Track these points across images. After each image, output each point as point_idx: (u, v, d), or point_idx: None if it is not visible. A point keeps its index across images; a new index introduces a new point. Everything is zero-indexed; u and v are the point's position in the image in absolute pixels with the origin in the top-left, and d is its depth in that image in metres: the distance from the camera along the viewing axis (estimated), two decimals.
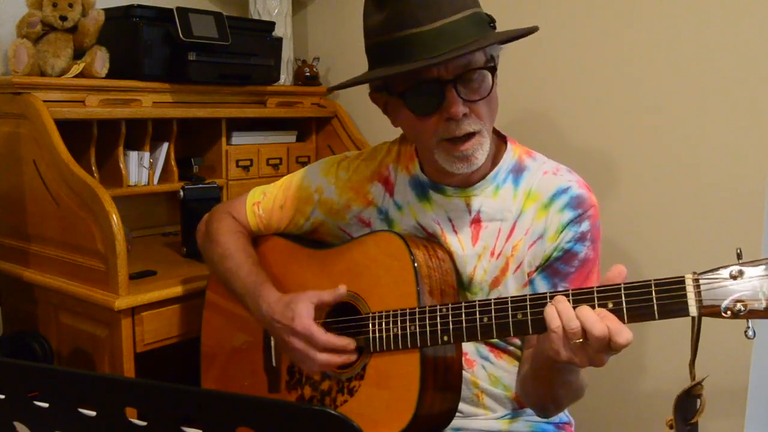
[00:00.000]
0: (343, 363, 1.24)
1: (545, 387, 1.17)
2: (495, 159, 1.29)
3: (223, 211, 1.50)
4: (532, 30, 1.18)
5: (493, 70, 1.18)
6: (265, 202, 1.46)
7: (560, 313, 1.00)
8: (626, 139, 1.86)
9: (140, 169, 1.98)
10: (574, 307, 1.00)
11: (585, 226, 1.23)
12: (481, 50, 1.16)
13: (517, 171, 1.29)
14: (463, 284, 1.29)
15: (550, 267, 1.24)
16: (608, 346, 0.98)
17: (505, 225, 1.26)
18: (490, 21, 1.19)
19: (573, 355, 1.00)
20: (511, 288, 1.26)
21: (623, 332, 0.97)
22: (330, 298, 1.26)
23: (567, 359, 1.01)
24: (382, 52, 1.17)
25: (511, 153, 1.30)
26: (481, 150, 1.19)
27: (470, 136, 1.18)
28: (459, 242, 1.28)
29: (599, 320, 0.98)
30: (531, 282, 1.25)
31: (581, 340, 0.98)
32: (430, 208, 1.31)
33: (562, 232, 1.23)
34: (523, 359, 1.27)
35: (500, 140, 1.32)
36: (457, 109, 1.14)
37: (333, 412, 0.65)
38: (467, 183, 1.28)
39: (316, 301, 1.26)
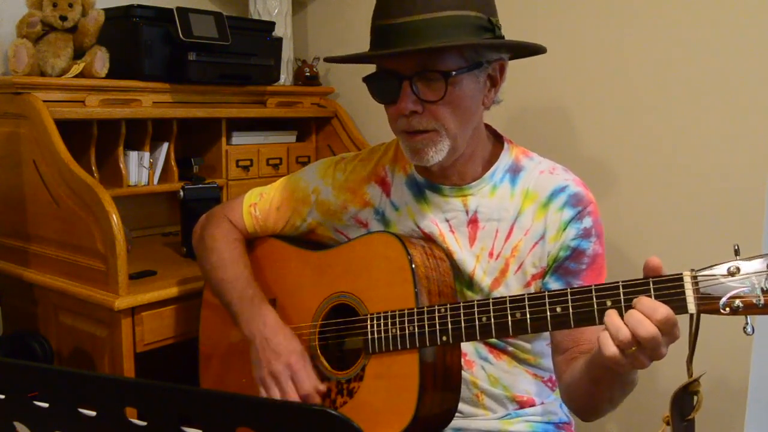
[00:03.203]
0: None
1: (605, 390, 1.12)
2: (491, 159, 1.29)
3: (218, 215, 1.49)
4: (500, 39, 1.18)
5: (447, 75, 1.15)
6: (261, 203, 1.46)
7: (609, 330, 0.96)
8: (625, 138, 1.86)
9: (140, 169, 1.98)
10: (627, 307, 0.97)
11: (587, 222, 1.23)
12: (457, 53, 1.15)
13: (514, 170, 1.29)
14: (463, 285, 1.29)
15: (561, 267, 1.24)
16: (662, 340, 0.94)
17: (502, 225, 1.26)
18: (490, 27, 1.17)
19: (633, 362, 0.96)
20: (513, 289, 1.26)
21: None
22: (322, 388, 1.26)
23: (630, 367, 0.97)
24: (370, 37, 1.22)
25: (508, 153, 1.30)
26: (434, 148, 1.20)
27: (423, 131, 1.19)
28: (457, 243, 1.28)
29: (643, 319, 0.93)
30: (544, 285, 1.25)
31: (635, 348, 0.94)
32: (427, 209, 1.31)
33: (564, 230, 1.23)
34: (564, 366, 1.21)
35: (497, 140, 1.32)
36: (404, 105, 1.17)
37: (333, 412, 0.65)
38: (463, 182, 1.28)
39: (308, 362, 1.27)
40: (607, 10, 1.86)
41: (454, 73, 1.15)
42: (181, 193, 1.87)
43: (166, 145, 2.03)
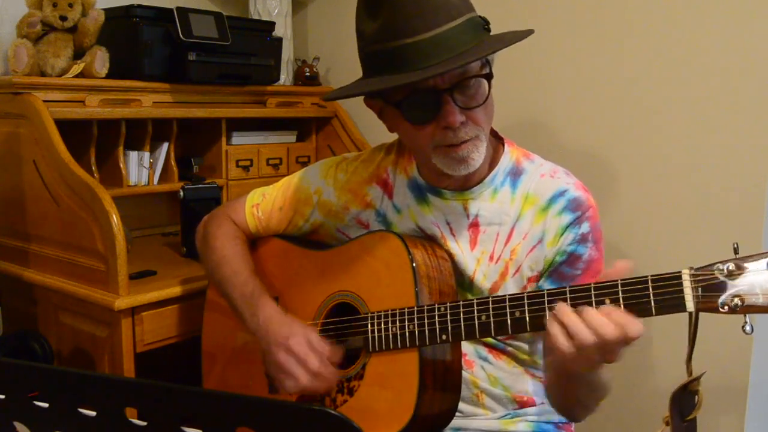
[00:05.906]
0: (324, 392, 1.24)
1: (571, 393, 1.16)
2: (492, 161, 1.29)
3: (221, 215, 1.49)
4: (527, 34, 1.16)
5: (489, 77, 1.17)
6: (264, 204, 1.46)
7: (566, 327, 0.98)
8: (625, 139, 1.86)
9: (140, 169, 1.98)
10: (573, 305, 0.99)
11: (585, 227, 1.23)
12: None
13: (515, 174, 1.28)
14: (463, 287, 1.29)
15: (556, 271, 1.24)
16: (623, 343, 0.96)
17: (503, 229, 1.26)
18: (485, 24, 1.18)
19: (586, 362, 0.99)
20: (511, 291, 1.26)
21: (633, 324, 0.95)
22: (336, 358, 1.24)
23: (585, 366, 1.00)
24: (377, 60, 1.16)
25: (509, 155, 1.30)
26: (477, 152, 1.19)
27: (467, 140, 1.18)
28: (458, 246, 1.28)
29: (608, 322, 0.96)
30: (538, 288, 1.25)
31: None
32: (428, 212, 1.31)
33: (562, 235, 1.23)
34: (545, 368, 1.26)
35: (498, 142, 1.32)
36: (454, 118, 1.14)
37: (333, 411, 0.65)
38: (465, 186, 1.28)
39: (314, 336, 1.24)
40: (607, 12, 1.86)
41: (488, 72, 1.16)
42: (181, 193, 1.87)
43: (166, 145, 2.03)
